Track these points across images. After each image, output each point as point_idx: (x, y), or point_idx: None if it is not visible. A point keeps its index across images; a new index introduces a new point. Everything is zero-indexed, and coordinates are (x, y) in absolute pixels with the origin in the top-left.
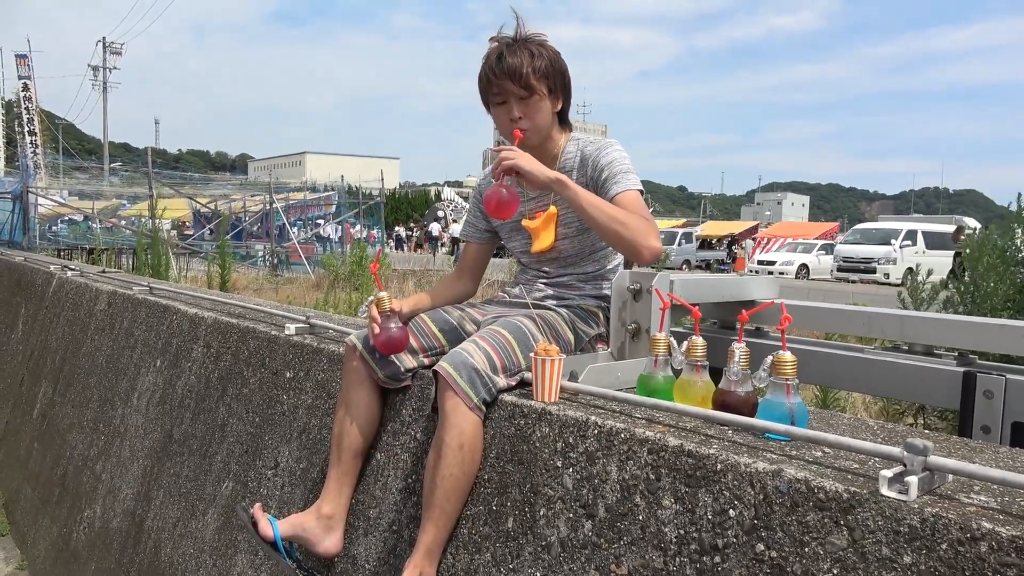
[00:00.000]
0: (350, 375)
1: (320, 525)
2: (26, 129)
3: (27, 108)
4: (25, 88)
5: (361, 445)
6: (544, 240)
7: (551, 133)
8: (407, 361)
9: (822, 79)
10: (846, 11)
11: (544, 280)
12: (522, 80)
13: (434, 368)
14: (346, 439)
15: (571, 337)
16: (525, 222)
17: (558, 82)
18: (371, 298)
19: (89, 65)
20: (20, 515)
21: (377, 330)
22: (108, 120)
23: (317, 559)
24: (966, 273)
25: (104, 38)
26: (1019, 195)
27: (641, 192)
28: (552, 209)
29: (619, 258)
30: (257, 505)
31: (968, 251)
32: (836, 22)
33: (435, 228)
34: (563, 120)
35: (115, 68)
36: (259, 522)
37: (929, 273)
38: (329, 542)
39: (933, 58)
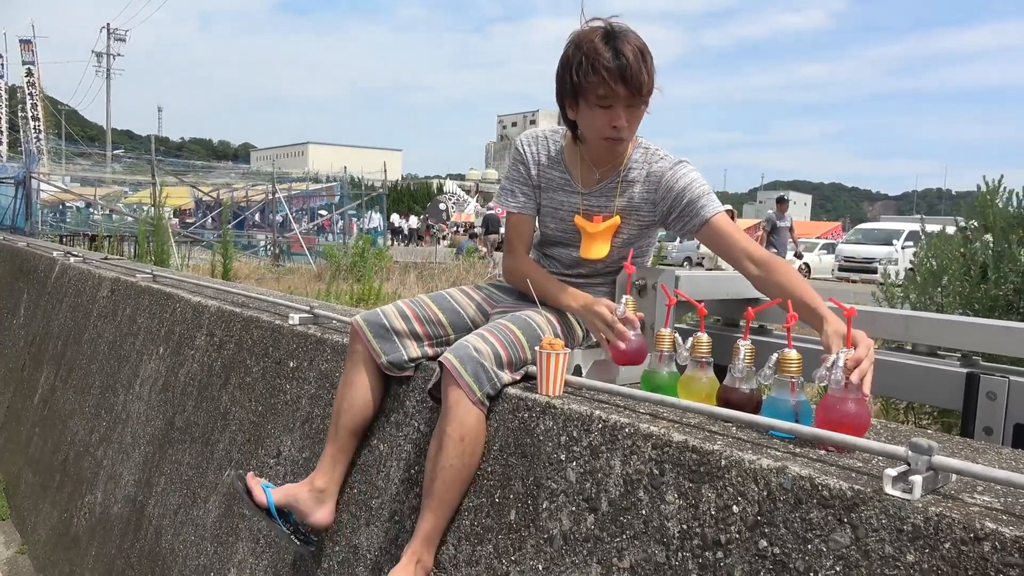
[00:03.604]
0: (354, 356)
1: (312, 497)
2: (29, 114)
3: (31, 93)
4: (29, 73)
5: (358, 424)
6: (599, 250)
7: None
8: (411, 350)
9: (828, 79)
10: (853, 11)
11: (557, 276)
12: (643, 89)
13: (439, 359)
14: (344, 416)
15: (580, 332)
16: (580, 221)
17: None
18: (623, 301)
19: (93, 51)
20: (20, 500)
21: (628, 340)
22: (111, 107)
23: (309, 529)
24: (920, 272)
25: (108, 24)
26: (978, 186)
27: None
28: (617, 219)
29: None
30: (251, 473)
31: (923, 251)
32: (843, 22)
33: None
34: None
35: (119, 55)
36: (253, 490)
37: None
38: (320, 514)
39: (939, 60)
